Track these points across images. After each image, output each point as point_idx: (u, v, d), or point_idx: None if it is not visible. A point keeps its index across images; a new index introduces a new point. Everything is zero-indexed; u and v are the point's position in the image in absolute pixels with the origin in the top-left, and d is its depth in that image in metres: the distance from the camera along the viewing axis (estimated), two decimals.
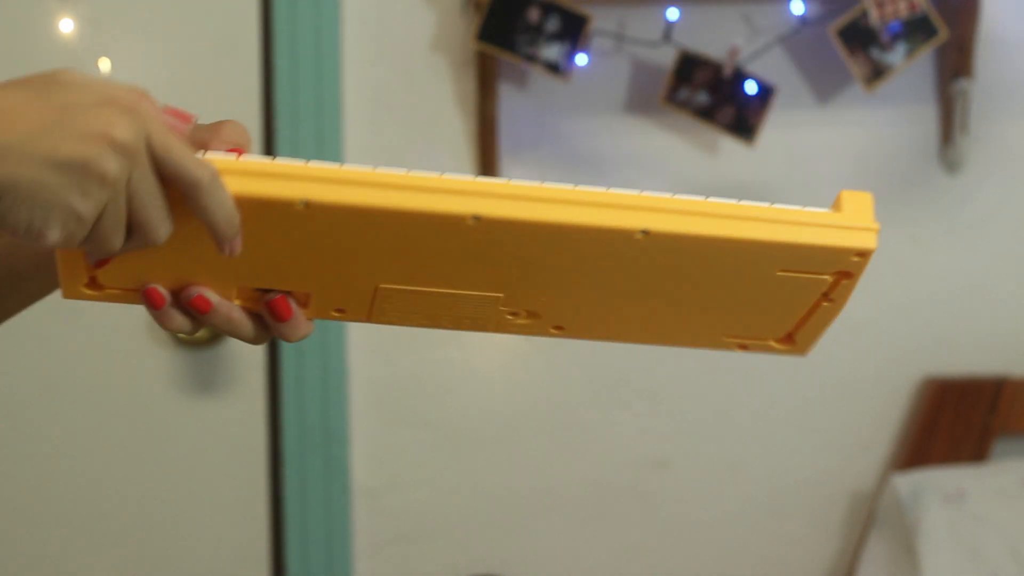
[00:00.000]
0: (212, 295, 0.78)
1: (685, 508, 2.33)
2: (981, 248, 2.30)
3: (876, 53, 2.13)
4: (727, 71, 2.16)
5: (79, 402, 2.27)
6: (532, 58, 2.12)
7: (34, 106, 0.69)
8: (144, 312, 0.80)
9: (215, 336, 2.25)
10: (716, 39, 2.18)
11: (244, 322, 0.80)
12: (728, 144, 2.24)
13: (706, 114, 2.17)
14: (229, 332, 0.80)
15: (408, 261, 0.77)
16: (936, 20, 2.11)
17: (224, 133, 0.76)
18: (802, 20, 2.17)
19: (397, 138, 2.28)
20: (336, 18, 2.24)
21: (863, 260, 0.78)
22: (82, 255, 0.75)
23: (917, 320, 2.30)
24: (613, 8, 2.18)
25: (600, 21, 2.15)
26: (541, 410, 2.31)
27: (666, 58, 2.18)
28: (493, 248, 0.76)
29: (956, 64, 2.22)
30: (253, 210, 0.73)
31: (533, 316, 0.83)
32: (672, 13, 2.16)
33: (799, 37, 2.21)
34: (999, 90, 2.27)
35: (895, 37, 2.12)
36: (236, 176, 0.73)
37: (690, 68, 2.16)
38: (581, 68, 2.16)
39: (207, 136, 0.76)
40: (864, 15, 2.11)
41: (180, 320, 0.79)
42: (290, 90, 2.24)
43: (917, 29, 2.12)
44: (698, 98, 2.17)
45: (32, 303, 0.90)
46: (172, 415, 2.27)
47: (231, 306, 0.79)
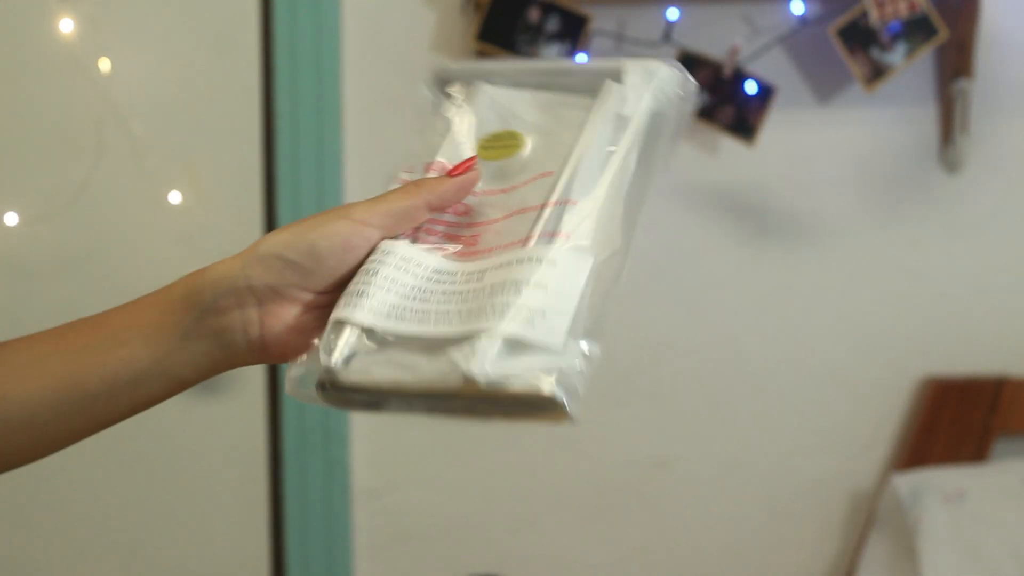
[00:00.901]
0: None
1: (686, 508, 2.33)
2: (981, 248, 2.30)
3: (876, 53, 2.13)
4: (727, 71, 2.16)
5: None
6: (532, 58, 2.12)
7: None
8: None
9: None
10: (716, 39, 2.18)
11: None
12: (728, 144, 2.24)
13: (706, 114, 2.17)
14: None
15: None
16: (936, 20, 2.11)
17: None
18: (802, 20, 2.17)
19: (397, 138, 2.28)
20: (336, 18, 2.24)
21: None
22: None
23: (917, 320, 2.30)
24: (613, 8, 2.18)
25: (600, 21, 2.15)
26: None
27: (666, 58, 2.18)
28: None
29: (956, 64, 2.21)
30: None
31: None
32: (672, 13, 2.16)
33: (799, 37, 2.21)
34: (999, 90, 2.27)
35: (895, 37, 2.12)
36: None
37: (690, 68, 2.16)
38: None
39: None
40: (864, 15, 2.11)
41: None
42: (290, 90, 2.24)
43: (917, 29, 2.12)
44: (698, 98, 2.17)
45: (104, 427, 0.89)
46: (172, 415, 2.27)
47: None
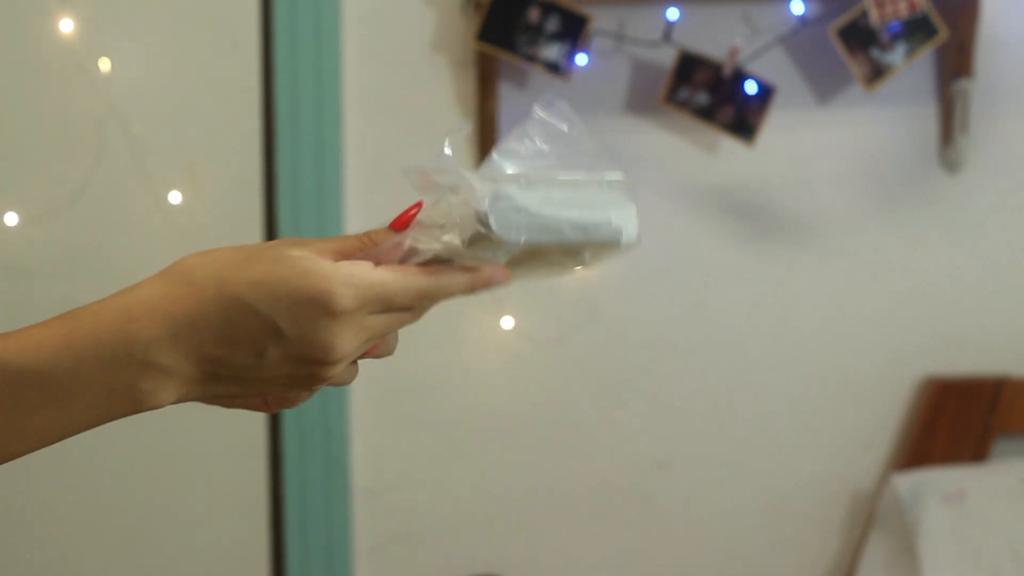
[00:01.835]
0: None
1: (685, 508, 2.33)
2: (981, 248, 2.30)
3: (876, 53, 2.13)
4: (727, 71, 2.16)
5: None
6: (532, 58, 2.12)
7: (262, 328, 0.72)
8: None
9: None
10: (716, 39, 2.18)
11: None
12: (728, 144, 2.23)
13: (706, 114, 2.17)
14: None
15: None
16: (936, 20, 2.11)
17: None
18: (802, 20, 2.17)
19: (397, 138, 2.28)
20: (336, 18, 2.24)
21: None
22: None
23: (917, 320, 2.30)
24: (613, 8, 2.18)
25: (600, 21, 2.15)
26: (541, 410, 2.31)
27: (666, 58, 2.18)
28: None
29: (956, 64, 2.21)
30: None
31: None
32: (672, 13, 2.16)
33: (799, 37, 2.21)
34: (999, 90, 2.27)
35: (895, 37, 2.12)
36: None
37: (690, 68, 2.16)
38: (581, 68, 2.16)
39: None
40: (864, 15, 2.11)
41: None
42: (290, 90, 2.24)
43: (917, 29, 2.12)
44: (698, 98, 2.17)
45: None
46: (172, 415, 2.26)
47: None
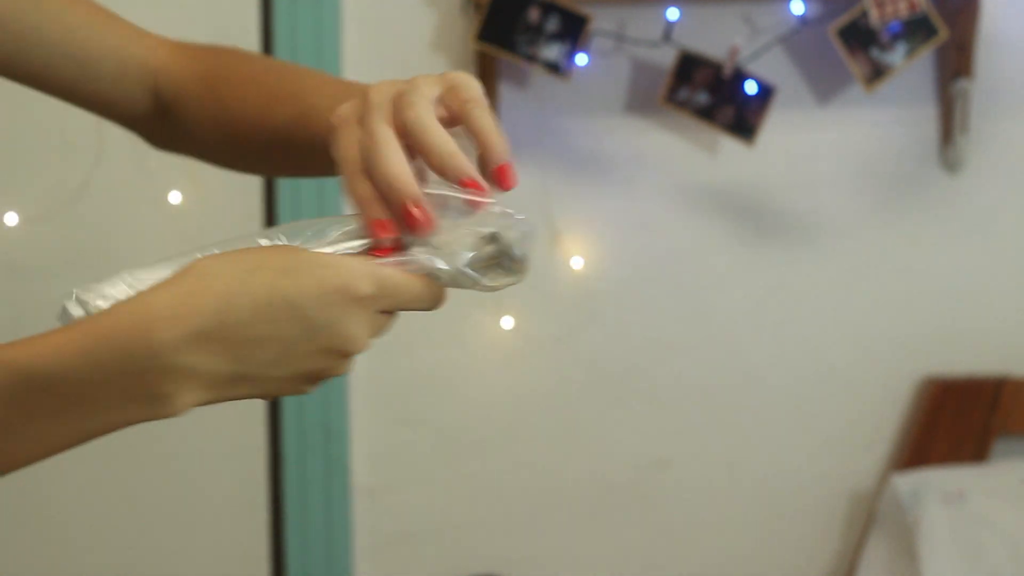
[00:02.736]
0: None
1: (685, 508, 2.33)
2: (981, 248, 2.30)
3: (876, 53, 2.13)
4: (727, 71, 2.16)
5: None
6: (532, 58, 2.12)
7: (281, 324, 0.71)
8: None
9: None
10: (716, 39, 2.18)
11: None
12: (728, 144, 2.23)
13: (706, 114, 2.17)
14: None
15: None
16: (936, 20, 2.11)
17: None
18: (802, 20, 2.17)
19: None
20: (336, 18, 2.24)
21: None
22: None
23: (917, 320, 2.30)
24: (613, 8, 2.18)
25: (600, 21, 2.15)
26: (541, 410, 2.31)
27: (666, 58, 2.18)
28: None
29: (956, 64, 2.21)
30: None
31: None
32: (672, 13, 2.15)
33: (799, 37, 2.21)
34: (999, 90, 2.27)
35: (895, 37, 2.12)
36: None
37: (690, 68, 2.16)
38: (581, 68, 2.16)
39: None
40: (864, 15, 2.11)
41: None
42: None
43: (917, 29, 2.12)
44: (698, 98, 2.17)
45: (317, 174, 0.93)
46: None
47: None
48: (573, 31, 2.11)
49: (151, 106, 1.02)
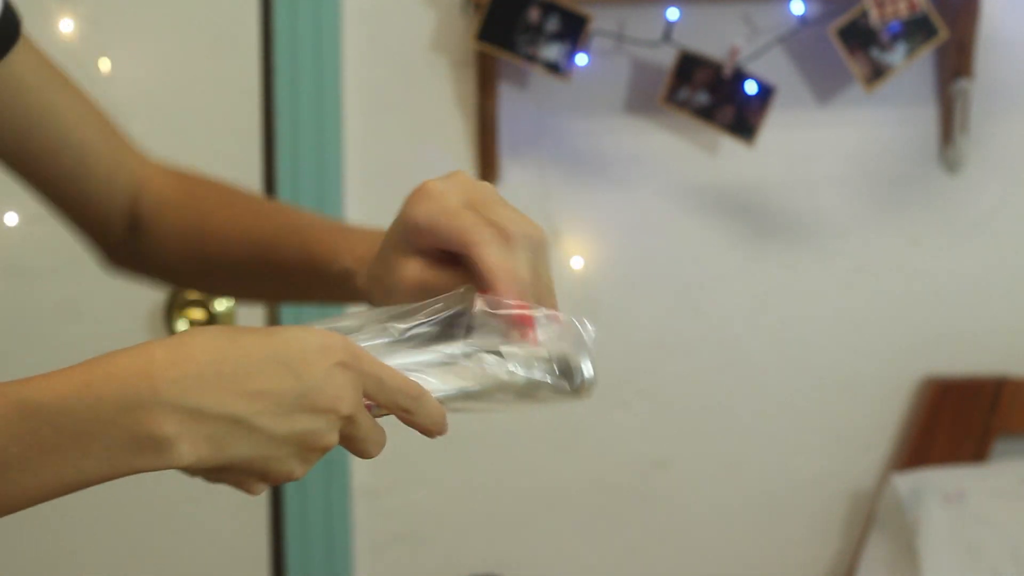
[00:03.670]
0: None
1: (685, 508, 2.33)
2: (981, 248, 2.29)
3: (876, 53, 2.13)
4: (727, 71, 2.16)
5: None
6: (532, 58, 2.12)
7: (276, 373, 0.72)
8: (145, 311, 0.81)
9: None
10: (716, 39, 2.18)
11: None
12: (728, 144, 2.24)
13: (706, 114, 2.17)
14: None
15: None
16: (936, 20, 2.11)
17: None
18: (802, 20, 2.17)
19: (397, 138, 2.28)
20: (336, 18, 2.24)
21: None
22: None
23: (917, 320, 2.30)
24: (613, 8, 2.18)
25: (600, 21, 2.15)
26: (541, 410, 2.30)
27: (666, 58, 2.18)
28: None
29: (956, 64, 2.21)
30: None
31: None
32: (672, 13, 2.15)
33: (799, 37, 2.21)
34: (999, 90, 2.27)
35: (895, 37, 2.12)
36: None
37: (690, 68, 2.16)
38: (581, 68, 2.16)
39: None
40: (864, 15, 2.11)
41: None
42: (290, 90, 2.23)
43: (917, 29, 2.12)
44: (698, 98, 2.17)
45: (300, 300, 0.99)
46: None
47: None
48: (573, 31, 2.11)
49: (126, 217, 1.05)
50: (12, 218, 2.21)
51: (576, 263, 2.26)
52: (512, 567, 2.33)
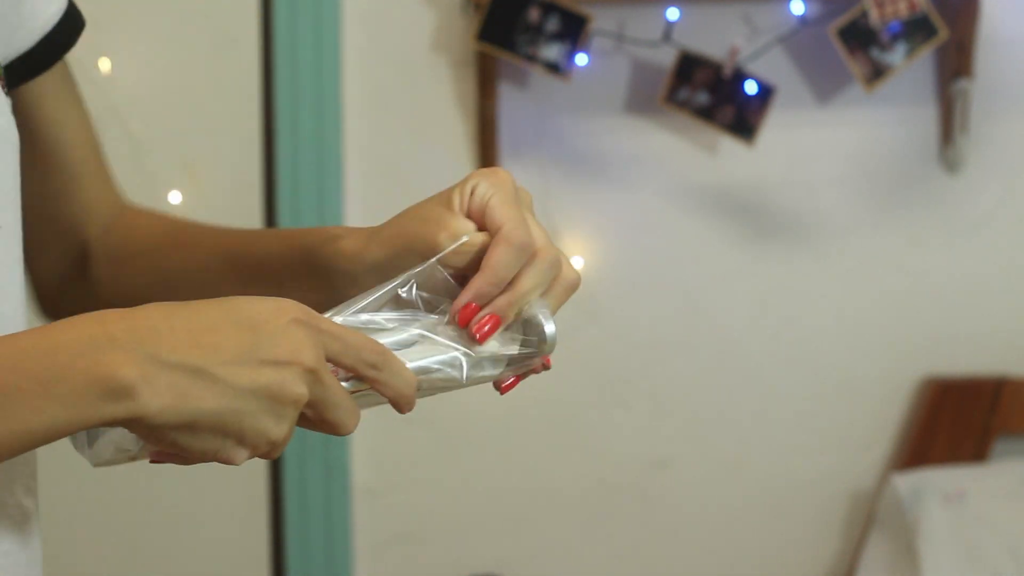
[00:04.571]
0: None
1: (685, 508, 2.33)
2: (981, 248, 2.30)
3: (876, 53, 2.13)
4: (727, 71, 2.16)
5: None
6: (532, 58, 2.12)
7: (231, 329, 0.72)
8: None
9: None
10: (716, 39, 2.18)
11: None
12: (728, 144, 2.24)
13: (706, 114, 2.17)
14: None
15: None
16: (936, 20, 2.11)
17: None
18: (802, 20, 2.17)
19: (397, 138, 2.28)
20: (336, 18, 2.24)
21: None
22: None
23: (917, 320, 2.30)
24: (613, 8, 2.18)
25: (600, 21, 2.15)
26: (541, 410, 2.31)
27: (666, 58, 2.18)
28: None
29: (956, 64, 2.21)
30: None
31: None
32: (672, 13, 2.16)
33: (799, 37, 2.21)
34: (999, 90, 2.27)
35: (895, 37, 2.12)
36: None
37: (690, 68, 2.16)
38: (581, 68, 2.16)
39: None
40: (864, 15, 2.11)
41: None
42: (290, 90, 2.23)
43: (917, 29, 2.12)
44: (698, 98, 2.17)
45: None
46: None
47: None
48: (573, 31, 2.11)
49: (93, 246, 1.04)
50: None
51: (576, 263, 2.26)
52: (512, 567, 2.33)
